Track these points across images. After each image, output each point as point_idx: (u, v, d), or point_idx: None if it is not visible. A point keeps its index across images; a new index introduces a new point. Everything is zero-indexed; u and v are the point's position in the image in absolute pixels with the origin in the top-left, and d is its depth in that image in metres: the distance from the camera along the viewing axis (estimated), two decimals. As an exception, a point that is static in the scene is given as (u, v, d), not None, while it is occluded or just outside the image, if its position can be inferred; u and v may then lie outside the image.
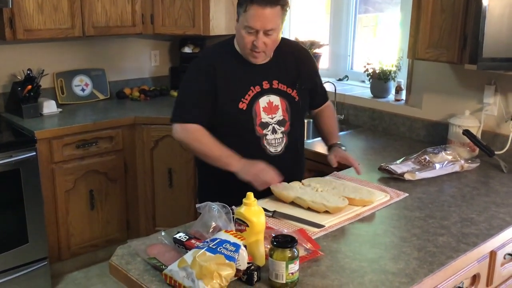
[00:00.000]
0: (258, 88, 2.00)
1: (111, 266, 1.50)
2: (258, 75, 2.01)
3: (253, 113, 1.98)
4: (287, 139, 2.05)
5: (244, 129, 1.99)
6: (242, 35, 1.90)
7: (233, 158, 1.91)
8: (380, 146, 2.79)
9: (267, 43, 1.90)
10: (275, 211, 1.78)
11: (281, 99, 2.03)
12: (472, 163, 2.34)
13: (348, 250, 1.57)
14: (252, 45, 1.90)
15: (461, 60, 2.32)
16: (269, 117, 2.01)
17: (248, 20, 1.86)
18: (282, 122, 2.03)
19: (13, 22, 3.04)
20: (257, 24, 1.85)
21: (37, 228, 2.95)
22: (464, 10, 2.26)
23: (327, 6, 3.75)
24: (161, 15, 3.60)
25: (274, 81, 2.03)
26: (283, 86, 2.04)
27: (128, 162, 3.37)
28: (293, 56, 2.11)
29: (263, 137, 2.00)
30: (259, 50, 1.91)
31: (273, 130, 2.01)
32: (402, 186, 2.09)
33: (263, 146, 2.00)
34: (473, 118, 2.56)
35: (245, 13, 1.86)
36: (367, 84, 3.34)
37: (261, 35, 1.87)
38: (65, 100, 3.59)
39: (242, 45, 1.94)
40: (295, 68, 2.09)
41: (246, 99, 1.97)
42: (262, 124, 1.99)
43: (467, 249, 1.60)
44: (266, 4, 1.83)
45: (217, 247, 1.32)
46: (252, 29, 1.86)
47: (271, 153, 2.01)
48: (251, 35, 1.88)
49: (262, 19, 1.84)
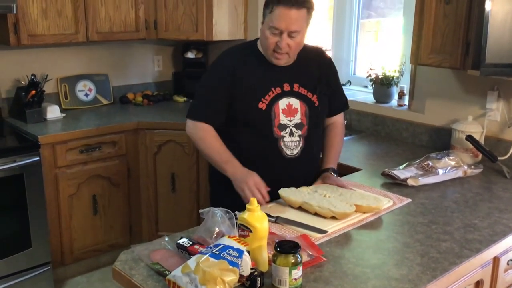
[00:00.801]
0: (279, 89, 2.01)
1: (114, 271, 1.51)
2: (279, 77, 2.02)
3: (272, 114, 1.99)
4: (304, 143, 2.05)
5: (262, 129, 1.99)
6: (266, 36, 1.91)
7: (231, 165, 1.93)
8: (382, 151, 2.79)
9: (290, 45, 1.91)
10: (278, 216, 1.78)
11: (301, 102, 2.03)
12: (475, 169, 2.33)
13: (351, 256, 1.57)
14: (276, 45, 1.90)
15: (463, 65, 2.32)
16: (288, 119, 2.01)
17: (273, 20, 1.87)
18: (300, 125, 2.03)
19: (17, 27, 3.06)
20: (282, 24, 1.86)
21: (40, 232, 2.95)
22: (467, 15, 2.27)
23: (329, 11, 3.76)
24: (164, 20, 3.61)
25: (295, 84, 2.03)
26: (303, 90, 2.04)
27: (131, 167, 3.38)
28: (316, 62, 2.12)
29: (281, 139, 2.00)
30: (282, 51, 1.92)
31: (290, 133, 2.02)
32: (405, 192, 2.09)
33: (279, 148, 2.01)
34: (476, 123, 2.56)
35: (271, 13, 1.88)
36: (369, 89, 3.34)
37: (285, 36, 1.88)
38: (69, 105, 3.61)
39: (265, 46, 1.95)
40: (316, 73, 2.10)
41: (266, 100, 1.98)
42: (280, 126, 2.00)
43: (470, 255, 1.60)
44: (293, 5, 1.84)
45: (221, 253, 1.32)
46: (277, 30, 1.87)
47: (287, 155, 2.02)
48: (275, 36, 1.89)
49: (287, 19, 1.85)
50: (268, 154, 2.01)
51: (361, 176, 2.35)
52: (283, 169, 2.03)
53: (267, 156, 2.01)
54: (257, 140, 2.01)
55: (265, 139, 2.00)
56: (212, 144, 2.00)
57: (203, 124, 2.02)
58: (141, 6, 3.54)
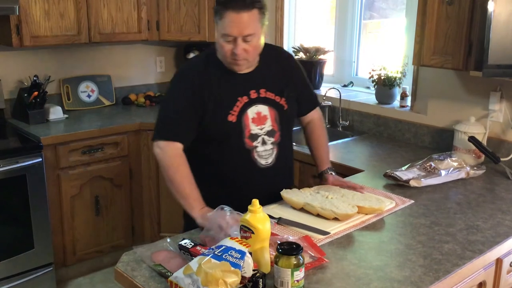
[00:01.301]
0: (246, 98, 1.90)
1: (117, 273, 1.51)
2: (244, 85, 1.91)
3: (242, 125, 1.88)
4: (278, 150, 1.96)
5: (234, 142, 1.89)
6: (221, 45, 1.81)
7: (198, 204, 1.77)
8: (385, 152, 2.79)
9: (247, 50, 1.80)
10: (280, 218, 1.78)
11: (269, 108, 1.93)
12: (478, 170, 2.33)
13: (353, 258, 1.56)
14: (232, 53, 1.79)
15: (466, 67, 2.32)
16: (258, 128, 1.91)
17: (224, 27, 1.76)
18: (271, 132, 1.94)
19: (20, 28, 3.06)
20: (233, 30, 1.75)
21: (42, 233, 2.96)
22: (470, 16, 2.26)
23: (332, 12, 3.76)
24: (166, 21, 3.62)
25: (262, 90, 1.92)
26: (271, 94, 1.94)
27: (133, 168, 3.38)
28: (278, 62, 2.01)
29: (253, 149, 1.91)
30: (240, 58, 1.80)
31: (263, 142, 1.92)
32: (408, 193, 2.09)
33: (253, 159, 1.91)
34: (478, 124, 2.56)
35: (221, 20, 1.77)
36: (372, 90, 3.34)
37: (239, 42, 1.77)
38: (71, 106, 3.61)
39: (222, 55, 1.84)
40: (281, 74, 2.00)
41: (235, 111, 1.87)
42: (252, 136, 1.90)
43: (473, 256, 1.60)
44: (241, 9, 1.73)
45: (223, 254, 1.32)
46: (230, 37, 1.76)
47: (262, 166, 1.92)
48: (229, 43, 1.78)
49: (238, 25, 1.74)
50: (242, 167, 1.90)
51: (364, 177, 2.34)
52: (259, 180, 1.93)
53: (241, 169, 1.90)
54: (229, 154, 1.90)
55: (237, 152, 1.90)
56: (183, 176, 1.82)
57: (175, 145, 1.85)
58: (143, 7, 3.55)
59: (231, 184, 1.92)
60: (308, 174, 2.64)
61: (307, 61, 3.58)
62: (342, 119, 3.32)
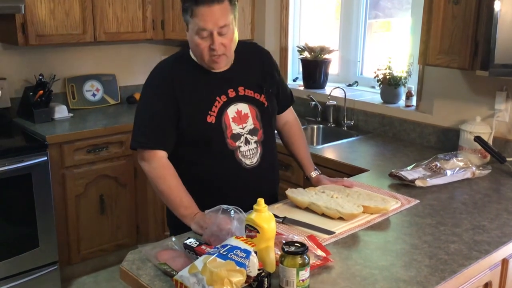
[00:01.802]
0: (224, 97, 1.84)
1: (122, 271, 1.51)
2: (222, 84, 1.86)
3: (223, 126, 1.83)
4: (262, 149, 1.90)
5: (216, 144, 1.83)
6: (196, 43, 1.75)
7: (189, 212, 1.74)
8: (390, 152, 2.78)
9: (225, 44, 1.76)
10: (285, 217, 1.78)
11: (249, 106, 1.88)
12: (484, 170, 2.32)
13: (358, 257, 1.56)
14: (210, 50, 1.75)
15: (472, 66, 2.31)
16: (240, 127, 1.86)
17: (197, 23, 1.72)
18: (254, 131, 1.89)
19: (25, 27, 3.07)
20: (208, 24, 1.71)
21: (47, 232, 2.96)
22: (476, 16, 2.26)
23: (337, 11, 3.75)
24: (171, 20, 3.62)
25: (240, 88, 1.88)
26: (250, 92, 1.89)
27: (138, 167, 3.33)
28: (255, 58, 1.98)
29: (237, 149, 1.85)
30: (218, 53, 1.76)
31: (246, 141, 1.87)
32: (413, 193, 2.08)
33: (238, 160, 1.85)
34: (484, 124, 2.55)
35: (193, 18, 1.73)
36: (377, 89, 3.33)
37: (216, 36, 1.73)
38: (76, 105, 3.62)
39: (199, 54, 1.78)
40: (259, 70, 1.95)
41: (214, 112, 1.82)
42: (234, 136, 1.85)
43: (479, 256, 1.59)
44: (213, 2, 1.70)
45: (228, 253, 1.32)
46: (205, 31, 1.72)
47: (247, 166, 1.87)
48: (205, 40, 1.74)
49: (212, 18, 1.71)
50: (227, 168, 1.85)
51: (369, 177, 2.34)
52: (246, 181, 1.88)
53: (226, 172, 1.85)
54: (212, 156, 1.84)
55: (220, 153, 1.84)
56: (173, 185, 1.79)
57: (158, 154, 1.80)
58: (148, 6, 3.55)
59: (217, 187, 1.87)
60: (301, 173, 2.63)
61: (312, 60, 3.57)
62: (347, 119, 3.31)
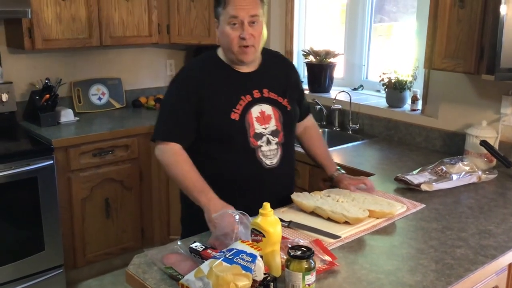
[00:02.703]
0: (249, 97, 1.90)
1: (128, 275, 1.51)
2: (247, 84, 1.92)
3: (246, 124, 1.87)
4: (282, 150, 1.94)
5: (238, 141, 1.87)
6: (227, 33, 1.83)
7: (204, 195, 1.74)
8: (395, 156, 2.77)
9: (254, 35, 1.83)
10: (291, 221, 1.78)
11: (273, 108, 1.93)
12: (490, 174, 2.31)
13: (364, 262, 1.56)
14: (240, 39, 1.82)
15: (478, 70, 2.30)
16: (263, 128, 1.90)
17: (230, 11, 1.80)
18: (275, 132, 1.93)
19: (32, 32, 3.09)
20: (240, 12, 1.79)
21: (53, 235, 2.97)
22: (481, 20, 2.25)
23: (341, 15, 3.75)
24: (177, 25, 3.63)
25: (265, 90, 1.94)
26: (273, 95, 1.95)
27: (143, 170, 3.40)
28: (280, 65, 2.05)
29: (258, 149, 1.89)
30: (248, 43, 1.82)
31: (267, 141, 1.90)
32: (419, 197, 2.08)
33: (258, 159, 1.89)
34: (490, 128, 2.54)
35: (226, 8, 1.81)
36: (382, 93, 3.33)
37: (246, 26, 1.80)
38: (82, 109, 3.64)
39: (228, 44, 1.85)
40: (283, 77, 2.02)
41: (238, 109, 1.87)
42: (256, 135, 1.88)
43: (485, 261, 1.58)
44: None
45: (234, 257, 1.32)
46: (237, 19, 1.80)
47: (267, 166, 1.90)
48: (236, 29, 1.81)
49: (244, 6, 1.79)
50: (247, 167, 1.88)
51: (374, 181, 2.32)
52: (265, 181, 1.91)
53: (246, 169, 1.88)
54: (234, 153, 1.88)
55: (242, 151, 1.87)
56: (185, 170, 1.82)
57: (174, 145, 1.85)
58: (154, 10, 3.57)
59: (236, 184, 1.90)
60: (318, 177, 2.64)
61: (317, 64, 3.58)
62: (352, 123, 3.31)
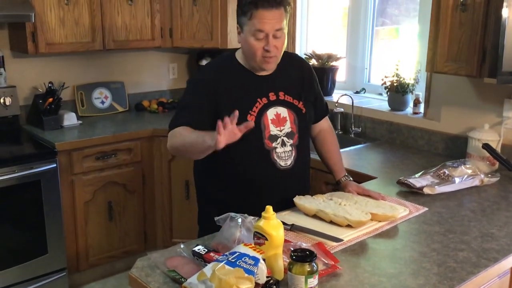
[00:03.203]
0: (265, 100, 1.94)
1: (131, 278, 1.51)
2: (263, 87, 1.96)
3: (261, 126, 1.92)
4: (296, 152, 1.98)
5: (253, 142, 1.91)
6: (251, 44, 1.85)
7: (208, 138, 1.73)
8: (398, 159, 2.77)
9: (277, 46, 1.86)
10: (293, 224, 1.78)
11: (288, 111, 1.98)
12: (492, 177, 2.31)
13: (367, 265, 1.56)
14: (263, 51, 1.85)
15: (480, 73, 2.31)
16: (278, 130, 1.94)
17: (256, 24, 1.82)
18: (290, 134, 1.97)
19: (35, 36, 3.11)
20: (266, 26, 1.81)
21: (56, 239, 2.98)
22: (483, 23, 2.26)
23: (344, 19, 3.76)
24: (179, 28, 3.64)
25: (280, 93, 1.98)
26: (289, 98, 1.99)
27: (146, 173, 3.40)
28: (297, 68, 2.07)
29: (273, 150, 1.93)
30: (271, 54, 1.86)
31: (282, 143, 1.95)
32: (421, 200, 2.08)
33: (273, 160, 1.93)
34: (492, 131, 2.54)
35: (251, 20, 1.83)
36: (384, 96, 3.33)
37: (271, 39, 1.83)
38: (85, 113, 3.65)
39: (252, 54, 1.88)
40: (299, 79, 2.05)
41: (254, 112, 1.91)
42: (271, 137, 1.93)
43: (488, 264, 1.58)
44: (272, 6, 1.81)
45: (236, 261, 1.32)
46: (262, 33, 1.82)
47: (281, 167, 1.94)
48: (260, 41, 1.84)
49: (270, 20, 1.82)
50: (262, 167, 1.92)
51: (376, 184, 2.34)
52: (278, 182, 1.95)
53: (261, 170, 1.92)
54: (249, 154, 1.92)
55: (257, 152, 1.92)
56: (185, 132, 1.85)
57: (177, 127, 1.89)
58: (157, 14, 3.58)
59: (251, 185, 1.93)
60: (321, 180, 2.64)
61: (319, 67, 3.58)
62: (355, 126, 3.31)
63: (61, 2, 3.16)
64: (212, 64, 2.11)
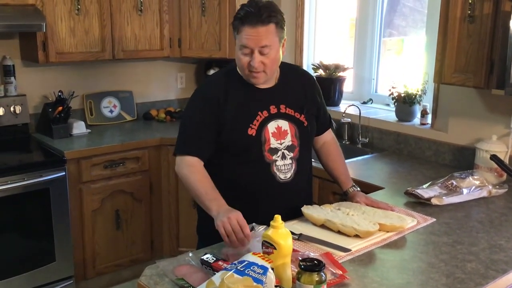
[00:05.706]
0: (266, 113, 1.93)
1: (139, 286, 1.52)
2: (264, 100, 1.95)
3: (262, 139, 1.91)
4: (296, 165, 1.97)
5: (253, 155, 1.91)
6: (239, 57, 1.86)
7: (216, 203, 1.77)
8: (405, 170, 2.78)
9: (265, 62, 1.84)
10: (301, 234, 1.79)
11: (289, 124, 1.96)
12: (500, 189, 2.31)
13: (375, 275, 1.56)
14: (249, 65, 1.84)
15: (488, 85, 2.31)
16: (278, 143, 1.93)
17: (241, 40, 1.82)
18: (291, 147, 1.96)
19: (46, 45, 3.14)
20: (250, 42, 1.80)
21: (64, 247, 3.00)
22: (491, 35, 2.27)
23: (351, 29, 3.78)
24: (188, 39, 3.68)
25: (282, 106, 1.96)
26: (290, 111, 1.97)
27: (154, 182, 3.42)
28: (299, 80, 2.06)
29: (273, 163, 1.92)
30: (257, 70, 1.85)
31: (282, 156, 1.94)
32: (429, 211, 2.08)
33: (273, 173, 1.92)
34: (500, 143, 2.54)
35: (239, 34, 1.83)
36: (391, 107, 3.34)
37: (256, 55, 1.82)
38: (94, 121, 3.68)
39: (240, 67, 1.89)
40: (301, 92, 2.04)
41: (255, 125, 1.91)
42: (271, 150, 1.92)
43: (496, 276, 1.58)
44: (257, 23, 1.79)
45: (245, 269, 1.32)
46: (247, 48, 1.82)
47: (280, 180, 1.93)
48: (246, 56, 1.84)
49: (254, 37, 1.80)
50: (262, 180, 1.92)
51: (384, 194, 2.34)
52: (278, 194, 1.94)
53: (260, 183, 1.92)
54: (249, 167, 1.92)
55: (257, 165, 1.91)
56: (197, 180, 1.86)
57: (190, 158, 1.90)
58: (166, 25, 3.61)
59: (250, 197, 1.93)
60: (328, 190, 2.64)
61: (327, 78, 3.60)
62: (362, 136, 3.32)
63: (72, 12, 3.20)
64: (214, 78, 2.10)
